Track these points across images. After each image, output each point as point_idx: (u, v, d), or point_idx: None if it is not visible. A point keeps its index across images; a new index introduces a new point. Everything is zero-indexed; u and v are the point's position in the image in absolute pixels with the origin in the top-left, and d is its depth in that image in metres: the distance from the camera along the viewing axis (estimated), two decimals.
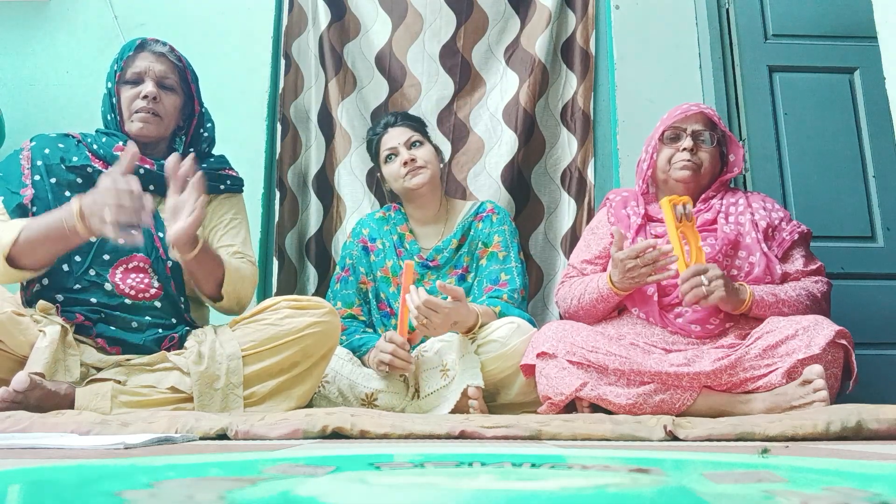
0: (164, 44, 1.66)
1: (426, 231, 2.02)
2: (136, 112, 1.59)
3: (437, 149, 2.05)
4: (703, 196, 1.81)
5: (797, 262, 1.72)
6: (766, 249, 1.70)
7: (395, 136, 1.98)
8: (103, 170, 1.56)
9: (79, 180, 1.55)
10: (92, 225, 1.31)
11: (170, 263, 1.54)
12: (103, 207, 1.28)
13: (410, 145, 1.96)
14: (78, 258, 1.48)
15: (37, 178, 1.52)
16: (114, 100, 1.61)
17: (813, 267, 1.72)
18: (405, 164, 1.93)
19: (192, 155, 1.43)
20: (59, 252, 1.42)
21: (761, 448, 0.55)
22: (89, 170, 1.56)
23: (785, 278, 1.69)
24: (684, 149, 1.77)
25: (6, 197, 1.50)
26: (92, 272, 1.48)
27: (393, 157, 1.97)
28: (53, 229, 1.36)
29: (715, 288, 1.54)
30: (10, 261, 1.38)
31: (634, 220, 1.82)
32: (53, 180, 1.53)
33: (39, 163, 1.54)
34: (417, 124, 2.04)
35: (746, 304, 1.59)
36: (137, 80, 1.61)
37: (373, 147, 2.06)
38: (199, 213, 1.37)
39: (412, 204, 2.02)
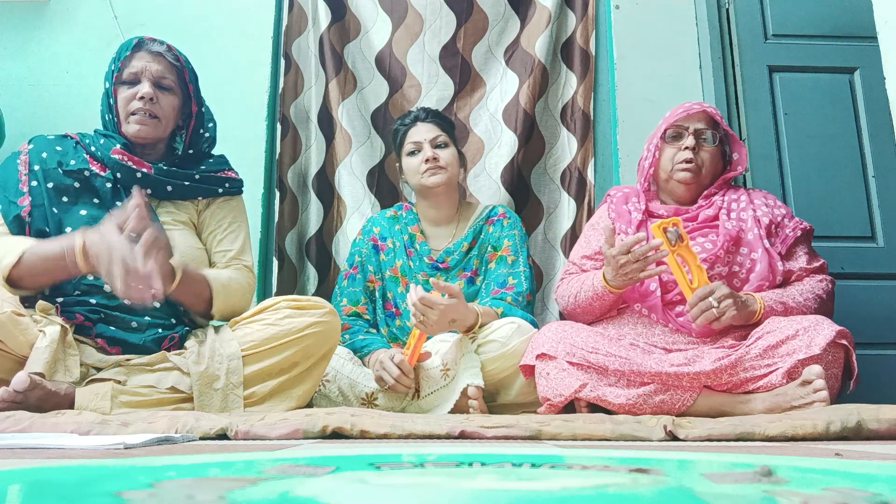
0: (162, 43, 1.64)
1: (437, 232, 2.02)
2: (133, 114, 1.58)
3: (461, 153, 2.05)
4: (704, 193, 1.81)
5: (800, 260, 1.72)
6: (768, 246, 1.69)
7: (423, 132, 1.97)
8: (101, 173, 1.56)
9: (76, 184, 1.54)
10: (95, 267, 1.29)
11: None
12: (107, 263, 1.25)
13: (436, 145, 1.96)
14: None
15: (34, 183, 1.51)
16: (111, 100, 1.60)
17: (816, 265, 1.72)
18: (427, 161, 1.92)
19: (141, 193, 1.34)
20: (60, 279, 1.40)
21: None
22: (86, 173, 1.55)
23: (788, 276, 1.69)
24: (686, 148, 1.77)
25: (4, 207, 1.49)
26: (90, 276, 1.47)
27: (416, 152, 1.97)
28: (54, 259, 1.33)
29: (725, 308, 1.53)
30: (10, 282, 1.38)
31: (636, 215, 1.82)
32: (51, 185, 1.51)
33: (37, 167, 1.53)
34: (447, 125, 2.04)
35: (757, 315, 1.58)
36: (134, 81, 1.59)
37: (398, 138, 2.04)
38: (156, 261, 1.29)
39: (426, 202, 2.02)
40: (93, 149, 1.58)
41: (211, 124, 1.73)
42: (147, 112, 1.58)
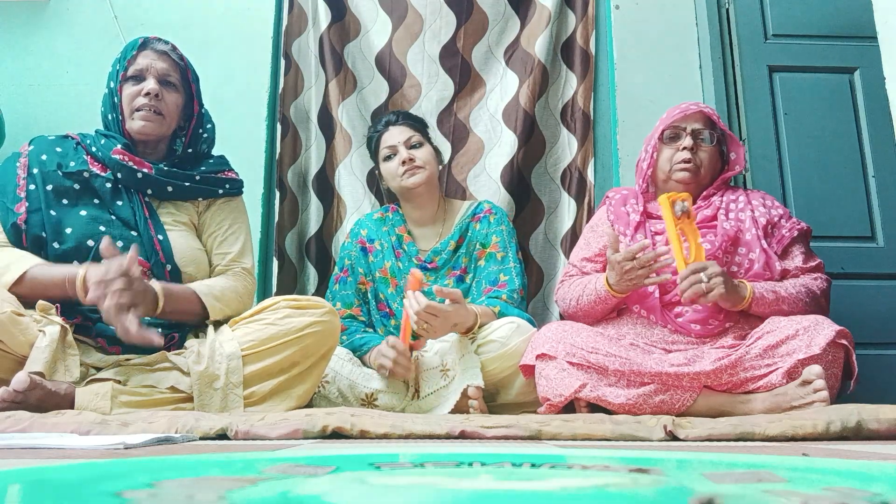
0: (167, 42, 1.66)
1: (424, 232, 2.02)
2: (138, 110, 1.58)
3: (436, 150, 2.05)
4: (703, 194, 1.81)
5: (796, 259, 1.72)
6: (765, 246, 1.70)
7: (396, 135, 1.98)
8: (102, 173, 1.56)
9: (76, 186, 1.53)
10: (95, 302, 1.30)
11: (168, 268, 1.53)
12: (107, 313, 1.28)
13: (410, 145, 1.96)
14: (77, 263, 1.47)
15: (32, 187, 1.51)
16: (115, 99, 1.60)
17: (812, 264, 1.73)
18: (403, 163, 1.93)
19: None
20: (59, 301, 1.42)
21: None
22: (86, 174, 1.55)
23: (784, 275, 1.70)
24: (684, 148, 1.77)
25: (3, 214, 1.49)
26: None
27: (392, 156, 1.97)
28: (56, 286, 1.36)
29: (714, 285, 1.53)
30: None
31: (634, 217, 1.82)
32: (49, 187, 1.51)
33: (35, 170, 1.53)
34: (418, 124, 2.05)
35: (746, 300, 1.59)
36: (139, 77, 1.60)
37: (372, 144, 2.06)
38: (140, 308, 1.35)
39: (409, 203, 2.02)
40: (94, 149, 1.58)
41: (210, 125, 1.74)
42: (152, 108, 1.59)
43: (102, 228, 1.50)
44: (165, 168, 1.61)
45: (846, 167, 2.31)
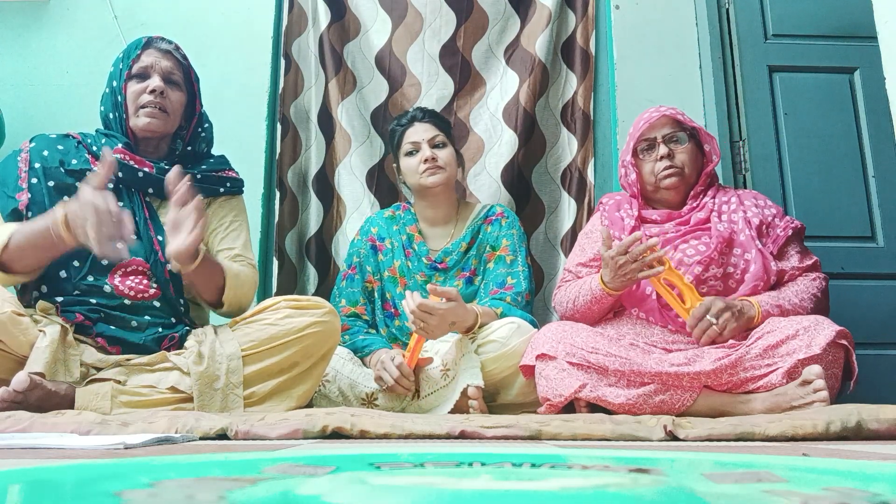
0: (170, 42, 1.67)
1: (435, 232, 2.02)
2: (143, 107, 1.59)
3: (458, 153, 2.05)
4: (692, 193, 1.82)
5: (793, 259, 1.72)
6: (760, 246, 1.70)
7: (421, 132, 1.97)
8: None
9: (77, 184, 1.54)
10: (77, 235, 1.29)
11: (168, 267, 1.54)
12: (84, 221, 1.26)
13: (434, 144, 1.96)
14: (76, 263, 1.47)
15: (34, 181, 1.51)
16: (119, 97, 1.61)
17: (809, 263, 1.73)
18: (425, 161, 1.92)
19: (184, 174, 1.40)
20: (50, 257, 1.41)
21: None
22: (88, 173, 1.55)
23: (781, 275, 1.69)
24: (661, 157, 1.77)
25: (2, 201, 1.49)
26: (90, 278, 1.48)
27: (414, 152, 1.96)
28: (41, 236, 1.35)
29: (725, 322, 1.54)
30: (1, 266, 1.38)
31: (628, 221, 1.82)
32: (51, 184, 1.52)
33: (37, 165, 1.53)
34: (444, 125, 2.04)
35: (756, 320, 1.59)
36: (144, 75, 1.61)
37: (395, 138, 2.04)
38: (200, 232, 1.37)
39: (424, 202, 2.01)
40: (94, 148, 1.59)
41: (207, 125, 1.74)
42: (157, 105, 1.59)
43: None
44: (166, 167, 1.61)
45: (846, 167, 2.31)
